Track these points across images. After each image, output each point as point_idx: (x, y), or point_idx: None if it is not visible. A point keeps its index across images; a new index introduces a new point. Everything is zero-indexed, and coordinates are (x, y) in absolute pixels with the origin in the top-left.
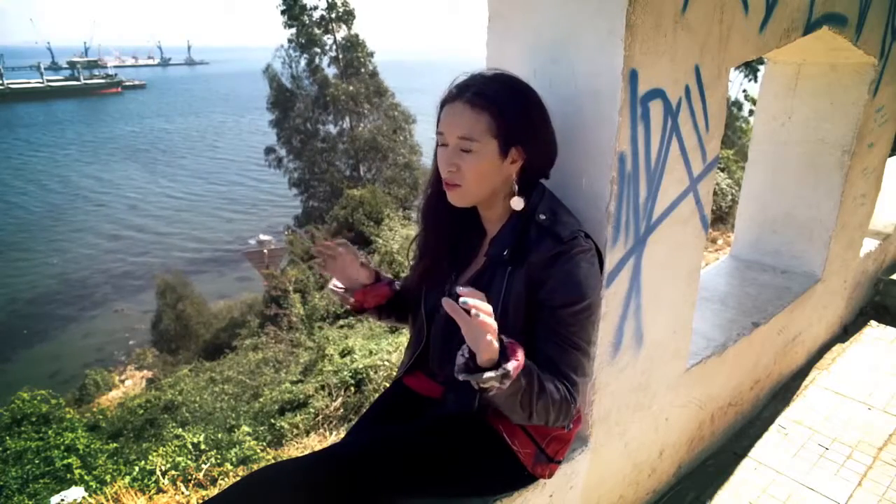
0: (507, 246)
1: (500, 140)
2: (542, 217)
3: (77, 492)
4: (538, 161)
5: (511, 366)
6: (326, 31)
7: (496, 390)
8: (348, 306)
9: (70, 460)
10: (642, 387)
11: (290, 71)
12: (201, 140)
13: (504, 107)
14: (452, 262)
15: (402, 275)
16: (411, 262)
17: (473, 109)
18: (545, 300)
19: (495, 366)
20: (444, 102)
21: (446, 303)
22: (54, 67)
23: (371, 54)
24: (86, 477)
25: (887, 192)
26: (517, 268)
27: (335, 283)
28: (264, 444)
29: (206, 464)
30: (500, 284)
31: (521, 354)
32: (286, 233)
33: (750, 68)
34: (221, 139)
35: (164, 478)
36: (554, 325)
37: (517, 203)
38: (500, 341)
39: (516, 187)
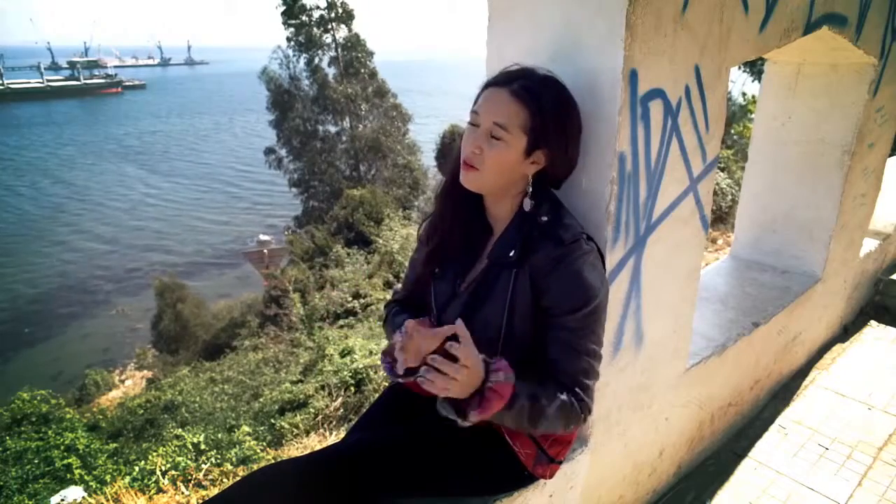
0: (513, 247)
1: (530, 138)
2: (545, 219)
3: (76, 491)
4: (557, 169)
5: (472, 416)
6: (326, 31)
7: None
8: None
9: (70, 460)
10: (642, 387)
11: (289, 71)
12: (202, 140)
13: (545, 107)
14: (460, 249)
15: (402, 275)
16: (414, 253)
17: (516, 100)
18: (551, 306)
19: (466, 406)
20: (489, 85)
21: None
22: (54, 67)
23: (371, 54)
24: (86, 477)
25: (887, 192)
26: (521, 269)
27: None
28: (264, 444)
29: (206, 464)
30: (505, 286)
31: (495, 404)
32: (286, 233)
33: (754, 70)
34: (222, 139)
35: (164, 478)
36: (561, 332)
37: (527, 203)
38: (484, 383)
39: (531, 189)
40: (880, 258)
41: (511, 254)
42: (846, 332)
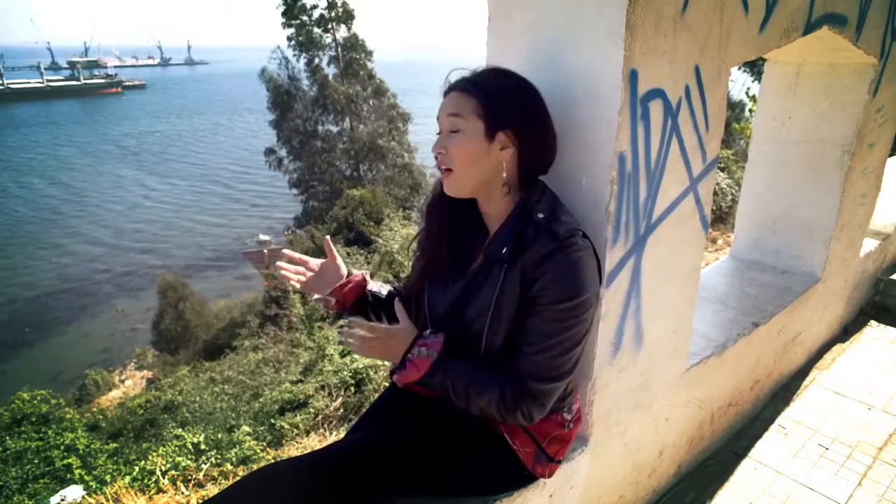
0: (506, 244)
1: (487, 121)
2: (541, 216)
3: (76, 491)
4: (532, 152)
5: (395, 378)
6: (326, 31)
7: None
8: (332, 309)
9: (70, 460)
10: (642, 387)
11: (289, 72)
12: (202, 140)
13: (491, 90)
14: (453, 259)
15: (403, 275)
16: (413, 260)
17: (463, 93)
18: (538, 295)
19: (396, 370)
20: (443, 95)
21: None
22: (54, 67)
23: (370, 53)
24: (86, 477)
25: (887, 192)
26: (513, 265)
27: (316, 295)
28: (264, 444)
29: (206, 464)
30: (494, 281)
31: (412, 374)
32: (286, 233)
33: (755, 70)
34: (222, 139)
35: (164, 478)
36: (541, 322)
37: (506, 189)
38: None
39: (505, 175)
40: (880, 258)
41: (504, 251)
42: (846, 332)
